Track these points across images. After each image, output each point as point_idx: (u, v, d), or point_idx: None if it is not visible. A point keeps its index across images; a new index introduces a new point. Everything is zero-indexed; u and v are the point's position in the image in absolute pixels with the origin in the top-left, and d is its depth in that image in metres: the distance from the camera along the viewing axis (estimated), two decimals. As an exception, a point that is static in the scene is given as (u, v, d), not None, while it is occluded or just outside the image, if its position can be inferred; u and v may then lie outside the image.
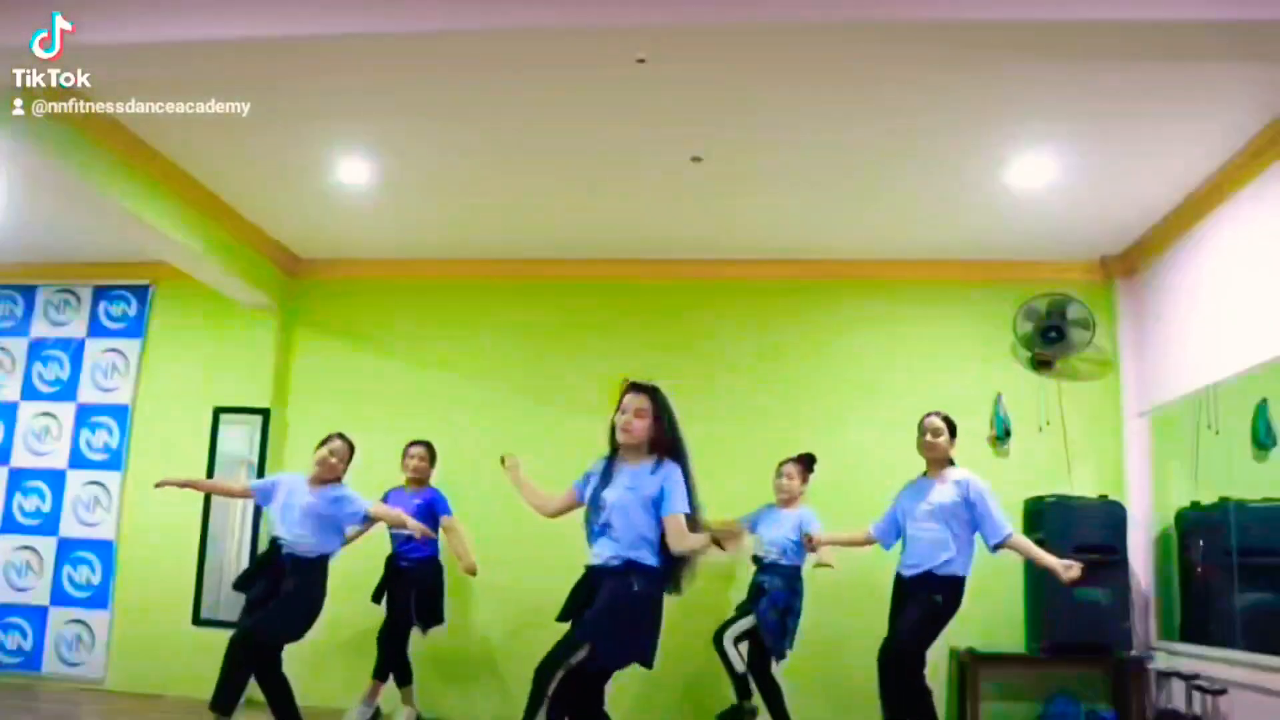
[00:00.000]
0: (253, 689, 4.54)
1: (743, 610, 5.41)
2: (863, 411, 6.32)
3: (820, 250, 6.41)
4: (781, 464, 5.59)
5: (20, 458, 6.98)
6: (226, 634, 4.47)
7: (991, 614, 5.64)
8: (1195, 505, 5.48)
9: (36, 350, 7.13)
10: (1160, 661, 5.57)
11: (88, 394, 6.98)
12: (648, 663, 3.35)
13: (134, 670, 6.47)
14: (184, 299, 6.88)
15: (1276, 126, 4.51)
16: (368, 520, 4.88)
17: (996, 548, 4.63)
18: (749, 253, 6.51)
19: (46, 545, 6.78)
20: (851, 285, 6.57)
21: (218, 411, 6.77)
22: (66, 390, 7.02)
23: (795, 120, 4.76)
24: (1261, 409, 4.85)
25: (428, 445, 5.87)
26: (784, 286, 6.60)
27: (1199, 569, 5.43)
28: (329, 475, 4.70)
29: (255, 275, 6.52)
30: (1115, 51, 3.78)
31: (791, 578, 5.35)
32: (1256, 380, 4.85)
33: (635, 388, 3.53)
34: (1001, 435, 6.19)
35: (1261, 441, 4.85)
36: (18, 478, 6.95)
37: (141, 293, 7.08)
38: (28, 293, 7.22)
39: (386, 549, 5.70)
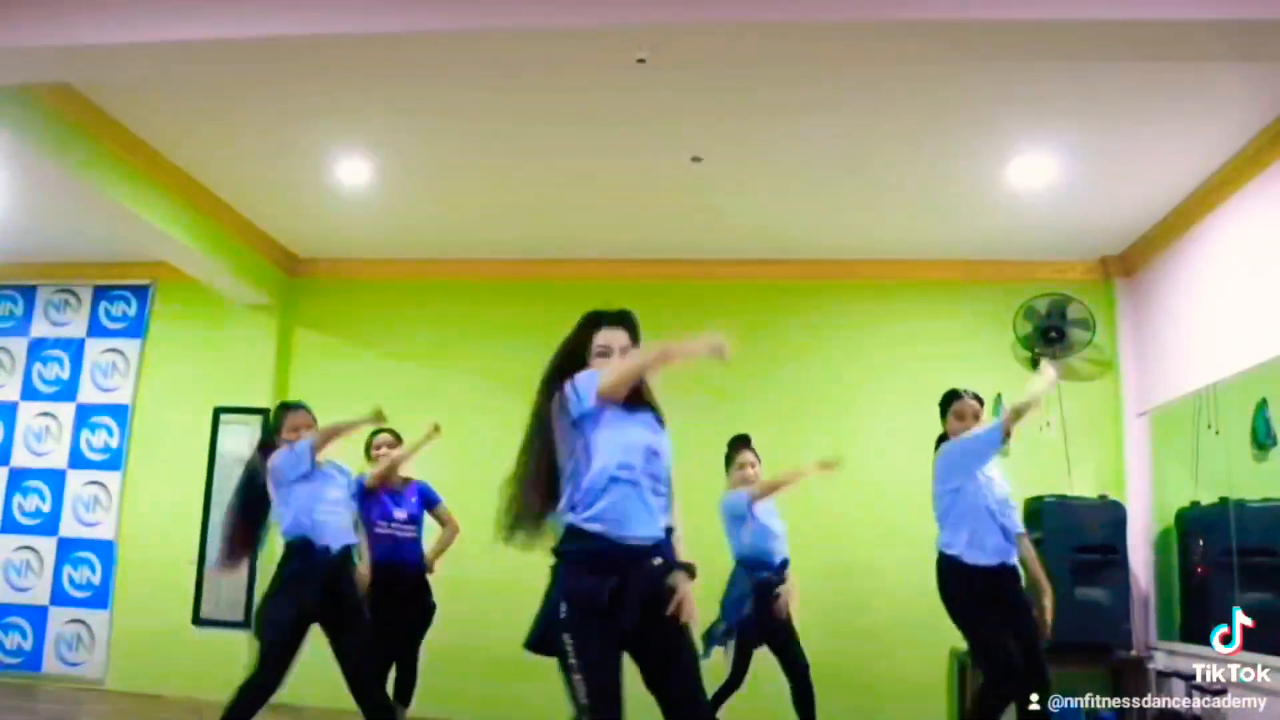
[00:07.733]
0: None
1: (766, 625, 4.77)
2: (863, 411, 6.32)
3: (820, 250, 6.40)
4: (743, 448, 4.98)
5: (20, 458, 6.98)
6: (227, 634, 4.45)
7: (991, 614, 5.63)
8: (1195, 505, 5.48)
9: (36, 350, 7.13)
10: (1160, 661, 5.57)
11: (88, 394, 6.98)
12: None
13: (134, 670, 6.46)
14: (184, 299, 6.88)
15: (1276, 126, 4.51)
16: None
17: None
18: (749, 253, 6.50)
19: (46, 545, 6.78)
20: (851, 285, 6.56)
21: (218, 411, 6.76)
22: (66, 390, 7.01)
23: (795, 120, 4.76)
24: (1261, 409, 4.84)
25: (395, 434, 5.14)
26: (784, 286, 6.59)
27: (1199, 569, 5.43)
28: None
29: (255, 274, 6.53)
30: (1115, 51, 3.78)
31: None
32: (1256, 380, 4.84)
33: (610, 321, 2.86)
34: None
35: (1261, 441, 4.84)
36: (17, 478, 6.95)
37: (141, 293, 7.08)
38: (28, 293, 7.22)
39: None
